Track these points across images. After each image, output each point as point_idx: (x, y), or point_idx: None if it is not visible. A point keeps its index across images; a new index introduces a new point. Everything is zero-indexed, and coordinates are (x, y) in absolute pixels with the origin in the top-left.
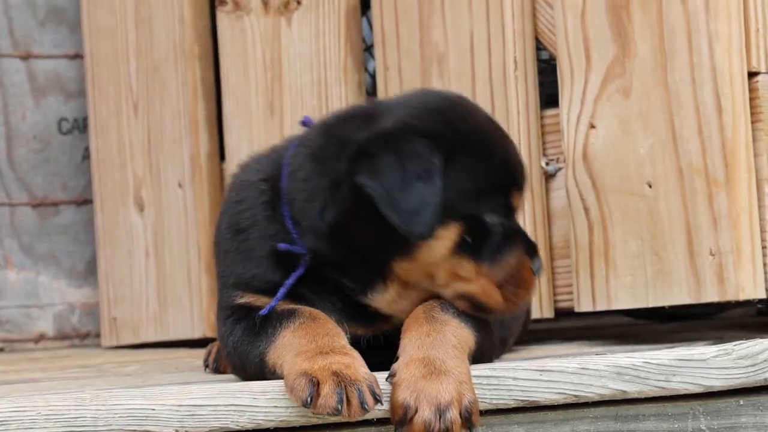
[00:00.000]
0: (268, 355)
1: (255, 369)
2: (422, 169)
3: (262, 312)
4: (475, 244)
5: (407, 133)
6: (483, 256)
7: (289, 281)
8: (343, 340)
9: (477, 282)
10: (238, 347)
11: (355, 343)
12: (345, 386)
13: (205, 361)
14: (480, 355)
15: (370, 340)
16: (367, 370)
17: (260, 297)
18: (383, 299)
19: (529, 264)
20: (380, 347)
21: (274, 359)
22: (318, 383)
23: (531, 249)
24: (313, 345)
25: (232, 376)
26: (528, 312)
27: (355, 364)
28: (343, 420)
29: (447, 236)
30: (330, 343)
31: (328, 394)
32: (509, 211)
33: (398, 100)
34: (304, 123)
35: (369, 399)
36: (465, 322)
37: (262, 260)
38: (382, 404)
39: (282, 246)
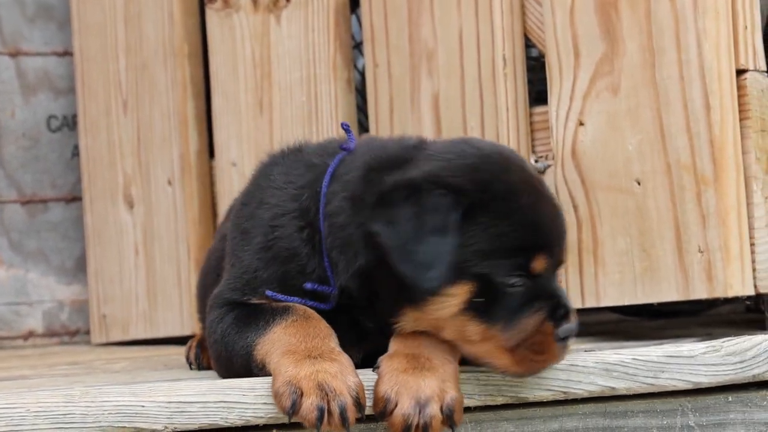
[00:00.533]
0: (256, 349)
1: (241, 361)
2: (439, 223)
3: (271, 295)
4: (487, 306)
5: (431, 184)
6: (495, 318)
7: (311, 303)
8: (333, 343)
9: (483, 345)
10: (226, 336)
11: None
12: (328, 400)
13: (187, 358)
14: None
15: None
16: (355, 378)
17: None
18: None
19: (550, 329)
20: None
21: (263, 354)
22: (302, 394)
23: (559, 314)
24: (302, 346)
25: None
26: None
27: (343, 372)
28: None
29: (457, 294)
30: (319, 346)
31: (309, 408)
32: (532, 274)
33: (440, 147)
34: (346, 137)
35: (351, 414)
36: None
37: (298, 288)
38: (364, 417)
39: (309, 286)
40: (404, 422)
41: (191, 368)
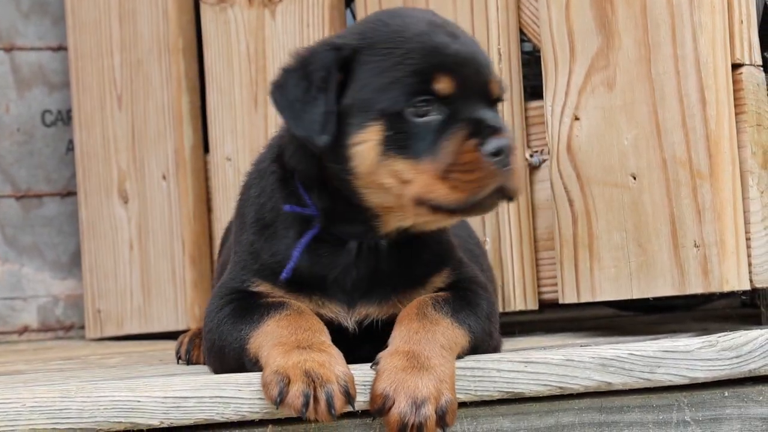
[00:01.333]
0: (249, 342)
1: (234, 354)
2: (321, 78)
3: (282, 276)
4: (405, 140)
5: (321, 46)
6: (418, 150)
7: (304, 240)
8: (323, 336)
9: (418, 181)
10: (221, 326)
11: (367, 329)
12: (314, 387)
13: (177, 352)
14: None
15: (384, 322)
16: (345, 369)
17: (275, 289)
18: (385, 226)
19: (473, 145)
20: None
21: (255, 347)
22: (289, 382)
23: (483, 130)
24: (293, 338)
25: None
26: None
27: (331, 362)
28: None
29: (368, 138)
30: (309, 338)
31: (295, 395)
32: (441, 98)
33: None
34: None
35: (338, 401)
36: (460, 322)
37: (290, 242)
38: (354, 408)
39: (287, 207)
40: (400, 421)
41: (178, 362)
